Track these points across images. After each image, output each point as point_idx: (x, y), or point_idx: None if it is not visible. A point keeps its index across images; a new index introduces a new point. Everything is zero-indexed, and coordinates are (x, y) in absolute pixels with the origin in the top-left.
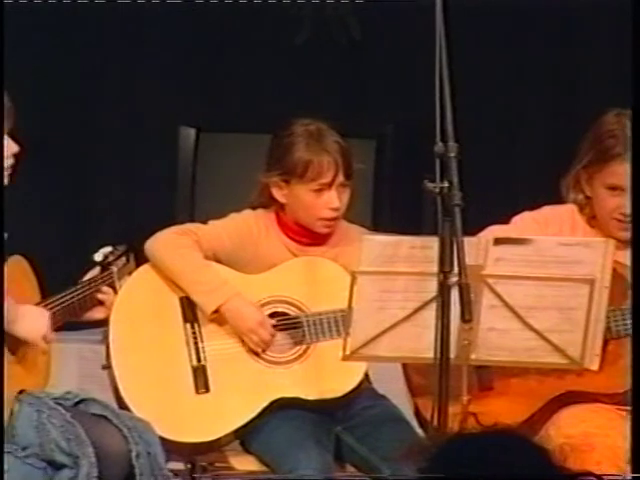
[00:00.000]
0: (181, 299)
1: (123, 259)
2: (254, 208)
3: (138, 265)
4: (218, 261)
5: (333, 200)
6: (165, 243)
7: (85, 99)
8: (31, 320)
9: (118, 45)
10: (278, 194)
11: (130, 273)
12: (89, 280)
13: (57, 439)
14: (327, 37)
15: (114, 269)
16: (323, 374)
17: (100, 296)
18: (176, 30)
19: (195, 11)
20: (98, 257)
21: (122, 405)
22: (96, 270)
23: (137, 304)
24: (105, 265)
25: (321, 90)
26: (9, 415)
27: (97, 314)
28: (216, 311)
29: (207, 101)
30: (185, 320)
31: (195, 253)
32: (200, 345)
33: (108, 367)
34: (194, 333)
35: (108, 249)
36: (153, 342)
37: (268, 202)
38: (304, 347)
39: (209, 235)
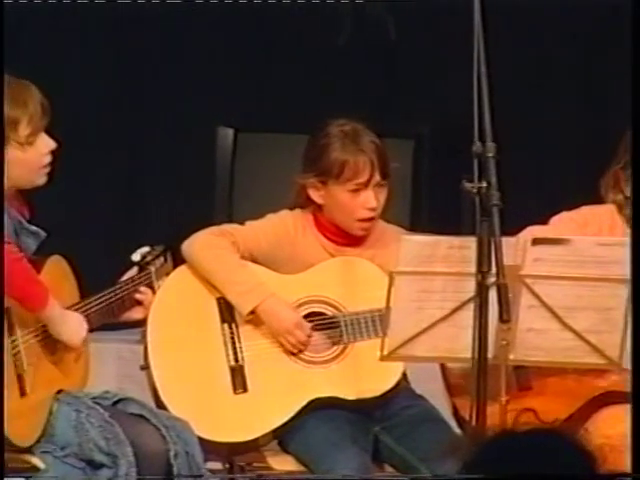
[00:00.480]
0: (218, 299)
1: (161, 259)
2: (291, 209)
3: (175, 265)
4: (255, 262)
5: (370, 200)
6: (202, 244)
7: (124, 99)
8: (74, 324)
9: (157, 46)
10: (315, 195)
11: (168, 273)
12: (127, 280)
13: (96, 439)
14: (364, 38)
15: (152, 269)
16: (361, 374)
17: (138, 296)
18: (214, 31)
19: (233, 12)
20: (136, 257)
21: (160, 405)
22: (134, 270)
23: (175, 304)
24: (143, 265)
25: (359, 90)
26: (47, 414)
27: (135, 314)
28: (252, 312)
29: (245, 101)
30: (223, 320)
31: (232, 254)
32: (238, 345)
33: (146, 368)
34: (232, 333)
35: (146, 249)
36: (191, 342)
37: (305, 203)
38: (341, 347)
39: (246, 236)
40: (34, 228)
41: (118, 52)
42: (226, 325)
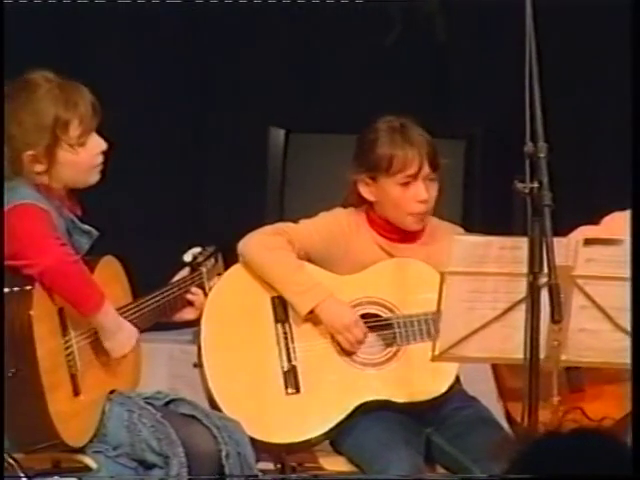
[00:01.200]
0: (272, 299)
1: (212, 260)
2: (345, 207)
3: (226, 266)
4: (309, 260)
5: (421, 192)
6: (258, 244)
7: (177, 100)
8: (124, 336)
9: (211, 47)
10: (366, 192)
11: (219, 274)
12: (179, 281)
13: (148, 439)
14: (415, 38)
15: (203, 270)
16: (414, 376)
17: (190, 297)
18: (267, 31)
19: (284, 13)
20: (187, 258)
21: (213, 404)
22: (186, 271)
23: (228, 304)
24: (194, 266)
25: (410, 91)
26: (100, 415)
27: (187, 315)
28: (311, 311)
29: (297, 102)
30: (276, 320)
31: (288, 253)
32: (291, 345)
33: (200, 366)
34: (285, 333)
35: (197, 250)
36: (244, 342)
37: (358, 201)
38: (395, 349)
39: (301, 234)
40: (87, 227)
41: (174, 53)
42: (280, 325)
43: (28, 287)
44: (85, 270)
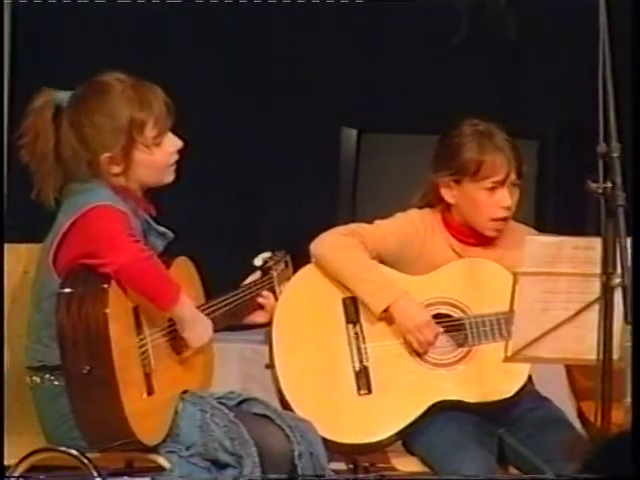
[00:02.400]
0: (344, 300)
1: (282, 264)
2: (420, 208)
3: (295, 271)
4: (382, 261)
5: (506, 198)
6: (331, 244)
7: (248, 100)
8: (202, 328)
9: (281, 47)
10: (447, 194)
11: (288, 279)
12: (250, 284)
13: (221, 439)
14: (486, 37)
15: (274, 274)
16: (486, 377)
17: (261, 300)
18: (338, 32)
19: (356, 13)
20: (258, 262)
21: (285, 405)
22: (257, 274)
23: (300, 305)
24: (265, 270)
25: (482, 90)
26: (173, 414)
27: (257, 318)
28: (385, 310)
29: (369, 102)
30: (348, 321)
31: (361, 252)
32: (362, 346)
33: (271, 366)
34: (356, 334)
35: (267, 254)
36: (316, 343)
37: (434, 202)
38: (466, 349)
39: (374, 235)
40: (162, 229)
41: (242, 53)
42: (351, 326)
43: (104, 285)
44: (160, 265)
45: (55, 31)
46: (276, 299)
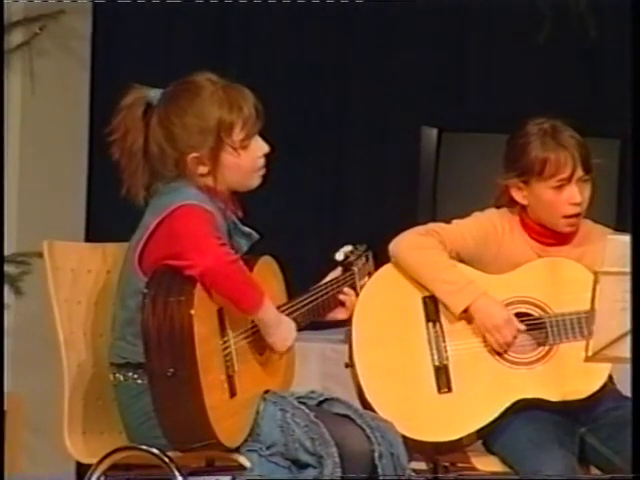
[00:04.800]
0: (424, 299)
1: (363, 259)
2: (498, 207)
3: (377, 266)
4: (461, 260)
5: (574, 195)
6: (410, 244)
7: (330, 99)
8: (285, 331)
9: (364, 45)
10: (518, 196)
11: (369, 274)
12: (332, 281)
13: (301, 438)
14: (567, 36)
15: (355, 269)
16: (566, 376)
17: (342, 297)
18: (418, 30)
19: (436, 12)
20: (339, 256)
21: (365, 403)
22: (338, 271)
23: (380, 303)
24: (346, 265)
25: (562, 89)
26: (254, 414)
27: (339, 315)
28: (465, 310)
29: (449, 101)
30: (428, 319)
31: (440, 253)
32: (442, 344)
33: (351, 365)
34: (436, 332)
35: (349, 248)
36: (396, 341)
37: (509, 204)
38: (547, 348)
39: (452, 235)
40: (247, 230)
41: (324, 51)
42: (431, 324)
43: (190, 287)
44: (245, 269)
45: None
46: (357, 295)
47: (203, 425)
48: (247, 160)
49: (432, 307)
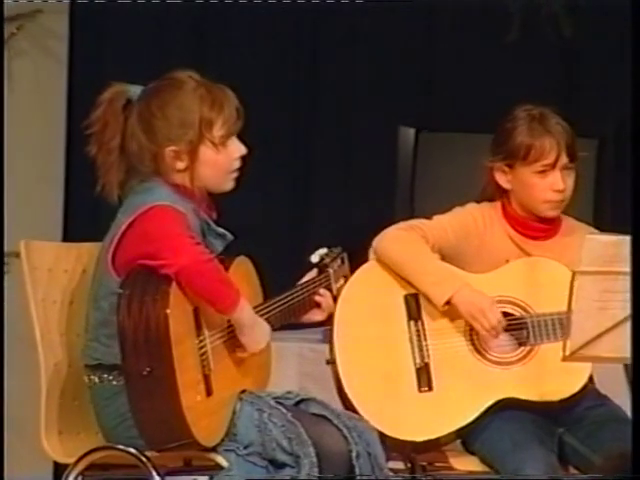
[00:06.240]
0: (405, 296)
1: (338, 261)
2: (479, 201)
3: (352, 268)
4: (443, 257)
5: (557, 181)
6: (392, 239)
7: (304, 100)
8: (259, 333)
9: (336, 46)
10: (502, 179)
11: (345, 276)
12: (307, 282)
13: (278, 438)
14: (541, 35)
15: (330, 271)
16: (546, 376)
17: (317, 298)
18: (393, 30)
19: (409, 13)
20: (314, 258)
21: (345, 401)
22: (313, 272)
23: (362, 300)
24: (322, 267)
25: (539, 89)
26: (231, 414)
27: (315, 316)
28: (447, 302)
29: (426, 101)
30: (409, 318)
31: (422, 246)
32: (424, 343)
33: (332, 362)
34: (418, 331)
35: (324, 251)
36: (377, 339)
37: (494, 192)
38: (528, 348)
39: (434, 230)
40: (221, 230)
41: (297, 52)
42: (413, 323)
43: (165, 287)
44: (221, 268)
45: (112, 30)
46: (333, 297)
47: (179, 424)
48: (225, 159)
49: (414, 305)
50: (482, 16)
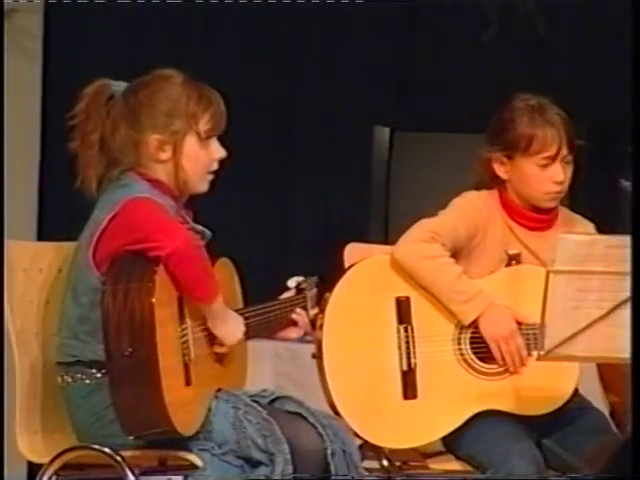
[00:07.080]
0: (397, 299)
1: (314, 289)
2: (476, 188)
3: (326, 287)
4: (454, 252)
5: (558, 173)
6: (418, 253)
7: (280, 100)
8: (233, 324)
9: (313, 46)
10: (500, 170)
11: (318, 303)
12: (286, 299)
13: (253, 436)
14: (515, 35)
15: (307, 294)
16: (532, 389)
17: (294, 316)
18: (368, 29)
19: (387, 13)
20: (291, 283)
21: (329, 400)
22: (291, 292)
23: (353, 301)
24: (299, 290)
25: (513, 88)
26: (207, 412)
27: (290, 333)
28: (474, 321)
29: (401, 101)
30: (400, 322)
31: (448, 261)
32: (412, 350)
33: (319, 357)
34: (407, 336)
35: (300, 278)
36: (366, 341)
37: (489, 181)
38: None
39: (448, 231)
40: (200, 227)
41: (274, 53)
42: (402, 327)
43: (151, 271)
44: (207, 257)
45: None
46: (308, 318)
47: (159, 410)
48: (206, 156)
49: (405, 309)
50: (458, 16)
